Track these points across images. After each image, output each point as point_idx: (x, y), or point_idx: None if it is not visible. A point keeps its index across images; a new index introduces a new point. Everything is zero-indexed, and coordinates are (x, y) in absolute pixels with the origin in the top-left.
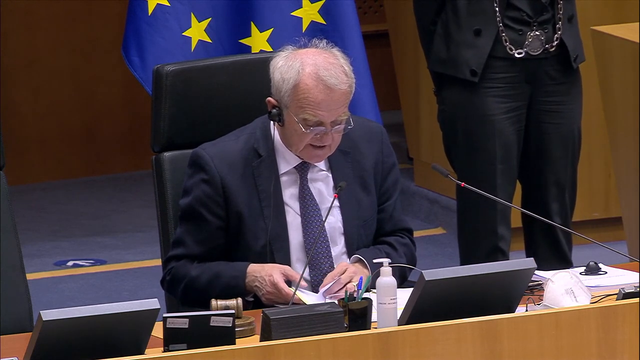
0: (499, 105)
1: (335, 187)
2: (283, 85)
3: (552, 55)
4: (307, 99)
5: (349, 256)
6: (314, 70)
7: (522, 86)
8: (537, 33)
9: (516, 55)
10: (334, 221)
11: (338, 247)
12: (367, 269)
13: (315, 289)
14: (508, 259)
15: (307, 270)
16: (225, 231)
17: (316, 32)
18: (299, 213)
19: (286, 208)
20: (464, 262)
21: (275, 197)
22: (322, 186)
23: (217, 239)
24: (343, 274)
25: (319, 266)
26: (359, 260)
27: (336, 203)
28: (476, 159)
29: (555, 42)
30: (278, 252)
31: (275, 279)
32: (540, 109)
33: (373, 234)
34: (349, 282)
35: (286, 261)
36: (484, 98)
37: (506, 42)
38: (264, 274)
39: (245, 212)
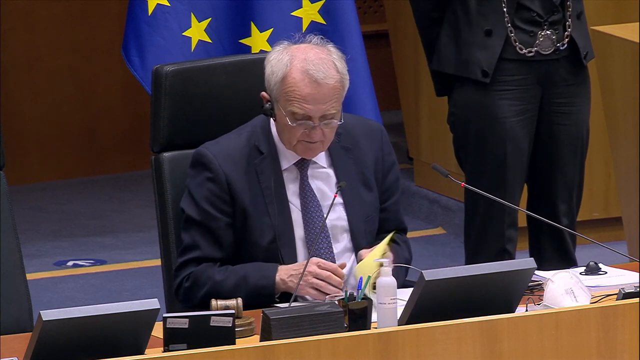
0: (511, 108)
1: (338, 183)
2: (272, 78)
3: (563, 57)
4: (294, 92)
5: (356, 252)
6: (302, 63)
7: (533, 88)
8: (547, 32)
9: (527, 54)
10: (335, 218)
11: (340, 244)
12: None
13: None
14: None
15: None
16: (233, 228)
17: (316, 32)
18: (300, 209)
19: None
20: (469, 264)
21: (279, 194)
22: (323, 183)
23: (228, 236)
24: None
25: None
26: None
27: (340, 200)
28: (487, 161)
29: (566, 40)
30: (284, 248)
31: (315, 260)
32: (551, 111)
33: (376, 231)
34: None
35: (292, 256)
36: (496, 101)
37: (516, 42)
38: (299, 264)
39: (250, 209)
